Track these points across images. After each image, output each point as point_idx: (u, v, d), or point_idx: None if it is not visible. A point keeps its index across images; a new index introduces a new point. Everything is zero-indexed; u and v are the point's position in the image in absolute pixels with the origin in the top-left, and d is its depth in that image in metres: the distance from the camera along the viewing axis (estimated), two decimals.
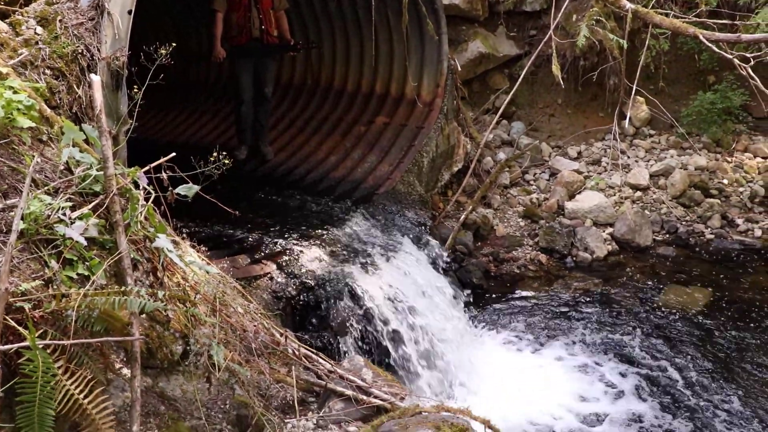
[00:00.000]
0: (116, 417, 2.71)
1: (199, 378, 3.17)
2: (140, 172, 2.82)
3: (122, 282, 2.55)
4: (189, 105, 9.17)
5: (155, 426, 2.97)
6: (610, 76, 9.08)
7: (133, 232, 2.70)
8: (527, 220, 7.80)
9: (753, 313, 6.36)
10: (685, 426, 4.97)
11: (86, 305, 2.34)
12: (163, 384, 3.20)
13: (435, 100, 7.29)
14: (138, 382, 2.59)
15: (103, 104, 2.73)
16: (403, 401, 3.64)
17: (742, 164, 8.96)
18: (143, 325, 2.88)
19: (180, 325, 3.02)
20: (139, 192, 2.72)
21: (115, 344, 2.85)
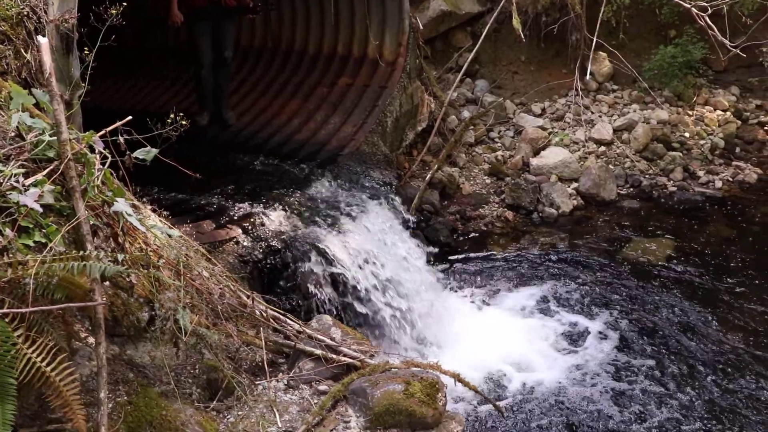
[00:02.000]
0: (83, 385, 2.70)
1: (166, 343, 3.15)
2: (96, 137, 2.76)
3: (82, 249, 2.51)
4: (148, 71, 8.97)
5: (124, 393, 2.96)
6: (572, 32, 9.07)
7: (91, 197, 2.65)
8: (493, 177, 7.83)
9: (715, 261, 6.50)
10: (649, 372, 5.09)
11: (44, 272, 2.29)
12: (131, 351, 3.18)
13: (397, 59, 7.23)
14: (103, 349, 2.57)
15: (53, 68, 2.64)
16: (373, 358, 3.67)
17: (703, 117, 9.06)
18: (107, 292, 2.85)
19: (144, 291, 2.99)
20: (95, 156, 2.65)
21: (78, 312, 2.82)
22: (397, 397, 3.27)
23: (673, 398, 4.83)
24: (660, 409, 4.73)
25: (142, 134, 2.91)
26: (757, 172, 8.17)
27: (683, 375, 5.06)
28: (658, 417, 4.66)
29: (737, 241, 6.87)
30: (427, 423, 3.30)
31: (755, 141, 8.81)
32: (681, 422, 4.61)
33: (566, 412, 4.70)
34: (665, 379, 5.02)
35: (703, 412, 4.70)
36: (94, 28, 3.04)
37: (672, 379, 5.02)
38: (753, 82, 9.69)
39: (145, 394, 3.00)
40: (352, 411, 3.39)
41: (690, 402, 4.79)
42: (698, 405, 4.77)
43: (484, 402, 4.47)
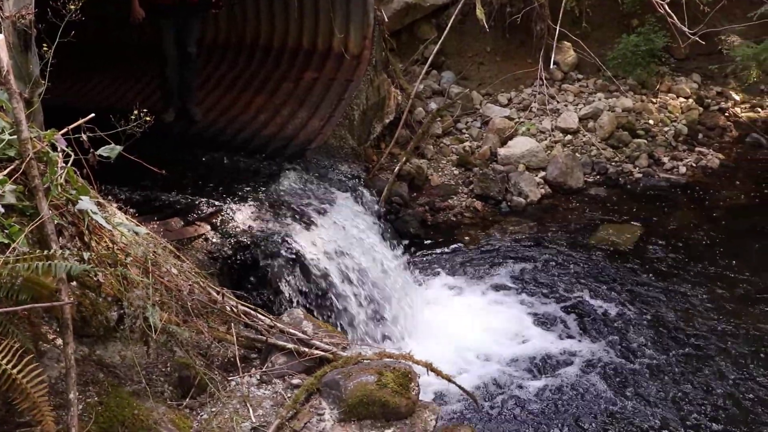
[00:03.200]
0: (52, 388, 2.67)
1: (136, 342, 3.13)
2: (58, 135, 2.72)
3: (46, 248, 2.48)
4: (113, 69, 8.86)
5: (95, 394, 2.93)
6: (536, 22, 9.13)
7: (54, 196, 2.62)
8: (461, 168, 7.86)
9: (681, 245, 6.61)
10: (622, 355, 5.17)
11: (8, 273, 2.26)
12: (101, 352, 3.15)
13: (363, 52, 7.22)
14: (71, 349, 2.54)
15: (11, 66, 2.61)
16: (346, 350, 3.68)
17: (666, 104, 9.20)
18: (74, 293, 2.82)
19: (113, 290, 2.97)
20: (57, 154, 2.62)
21: (45, 314, 2.79)
22: (370, 388, 3.28)
23: (645, 379, 4.92)
24: (635, 389, 4.82)
25: (109, 132, 2.88)
26: (719, 158, 8.31)
27: (654, 356, 5.15)
28: (631, 399, 4.74)
29: (702, 224, 6.99)
30: (400, 413, 3.31)
31: (717, 127, 8.96)
32: (654, 403, 4.70)
33: (540, 399, 4.75)
34: (638, 361, 5.10)
35: (672, 391, 4.79)
36: (56, 25, 3.00)
37: (644, 360, 5.11)
38: (713, 69, 9.84)
39: (116, 394, 2.98)
40: (325, 403, 3.39)
41: (660, 380, 4.88)
42: (668, 383, 4.86)
43: (458, 391, 4.49)
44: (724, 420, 4.53)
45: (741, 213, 7.20)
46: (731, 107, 9.42)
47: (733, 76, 9.69)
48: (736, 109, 9.41)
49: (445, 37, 8.60)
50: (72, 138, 2.80)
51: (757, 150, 8.58)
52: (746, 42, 9.49)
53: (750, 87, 9.72)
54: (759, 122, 9.13)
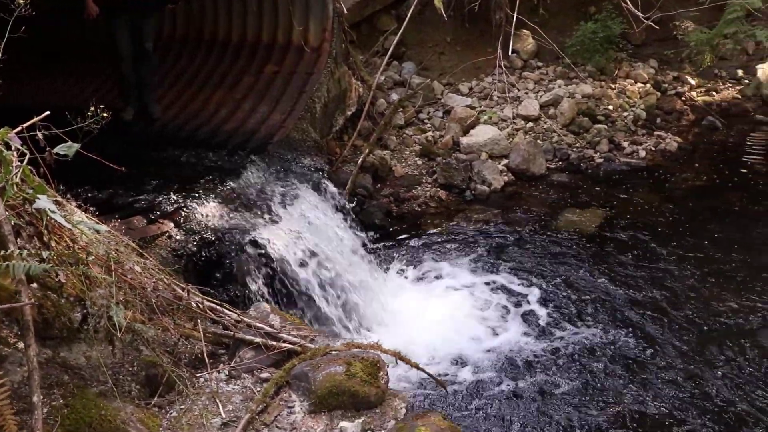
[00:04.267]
0: (15, 392, 2.62)
1: (101, 342, 3.09)
2: (11, 133, 2.67)
3: (4, 249, 2.43)
4: (69, 67, 8.70)
5: (60, 396, 2.89)
6: (495, 11, 9.18)
7: (10, 196, 2.56)
8: (424, 158, 7.88)
9: (643, 227, 6.72)
10: (588, 338, 5.25)
11: None
12: (65, 354, 3.10)
13: (323, 44, 7.19)
14: (33, 352, 2.50)
15: None
16: (313, 342, 3.67)
17: (625, 90, 9.33)
18: (35, 294, 2.77)
19: (75, 290, 2.92)
20: (11, 153, 2.57)
21: (5, 317, 2.74)
22: (339, 379, 3.29)
23: (611, 360, 5.00)
24: (599, 371, 4.89)
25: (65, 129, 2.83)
26: (677, 141, 8.46)
27: (619, 336, 5.24)
28: (597, 382, 4.82)
29: (663, 206, 7.12)
30: (370, 402, 3.32)
31: (674, 111, 9.12)
32: (619, 382, 4.78)
33: (508, 385, 4.80)
34: (604, 343, 5.18)
35: (638, 371, 4.88)
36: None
37: (609, 341, 5.20)
38: (669, 54, 10.02)
39: (82, 396, 2.94)
40: (295, 396, 3.39)
41: (626, 361, 4.97)
42: (633, 364, 4.95)
43: (428, 378, 4.52)
44: (692, 400, 4.63)
45: (700, 194, 7.35)
46: (687, 91, 9.59)
47: (688, 60, 9.87)
48: (692, 93, 9.58)
49: (405, 27, 8.62)
50: (27, 137, 2.75)
51: (713, 132, 8.75)
52: (699, 27, 9.68)
53: (705, 71, 9.92)
54: (714, 105, 9.32)
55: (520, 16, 8.75)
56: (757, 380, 4.76)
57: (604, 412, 4.53)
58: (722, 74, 10.04)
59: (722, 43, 9.43)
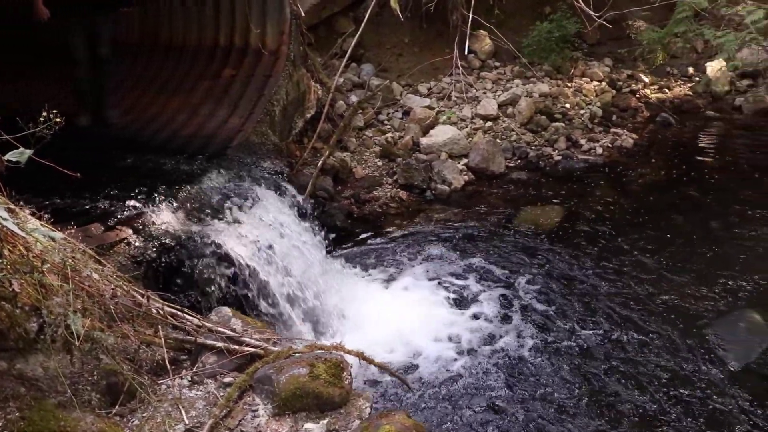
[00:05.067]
0: None
1: (59, 352, 3.04)
2: None
3: None
4: (25, 72, 8.52)
5: (16, 409, 2.84)
6: (452, 12, 9.26)
7: None
8: (385, 159, 7.91)
9: (601, 223, 6.85)
10: (543, 334, 5.32)
11: None
12: (21, 365, 3.04)
13: (281, 47, 7.16)
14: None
15: None
16: (276, 345, 3.66)
17: (581, 88, 9.49)
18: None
19: (30, 299, 2.87)
20: None
21: None
22: (303, 380, 3.28)
23: (570, 356, 5.07)
24: (560, 367, 4.96)
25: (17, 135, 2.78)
26: (633, 137, 8.64)
27: (578, 332, 5.31)
28: (557, 377, 4.89)
29: (620, 202, 7.26)
30: (334, 403, 3.33)
31: (629, 108, 9.31)
32: (576, 377, 4.85)
33: (471, 381, 4.84)
34: (564, 339, 5.26)
35: (597, 364, 4.96)
36: None
37: (569, 337, 5.27)
38: (623, 53, 10.23)
39: (40, 408, 2.89)
40: (259, 399, 3.38)
41: (583, 355, 5.05)
42: (591, 358, 5.03)
43: (392, 378, 4.55)
44: (649, 390, 4.73)
45: (656, 188, 7.51)
46: (641, 89, 9.80)
47: (642, 59, 10.10)
48: (646, 91, 9.79)
49: (362, 29, 8.64)
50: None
51: (667, 129, 8.96)
52: (651, 27, 9.92)
53: (657, 69, 10.16)
54: (667, 102, 9.54)
55: (477, 17, 8.83)
56: (712, 368, 4.88)
57: (565, 406, 4.59)
58: (674, 72, 10.27)
59: (673, 41, 9.69)
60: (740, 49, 9.07)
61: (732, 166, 7.96)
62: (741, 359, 4.94)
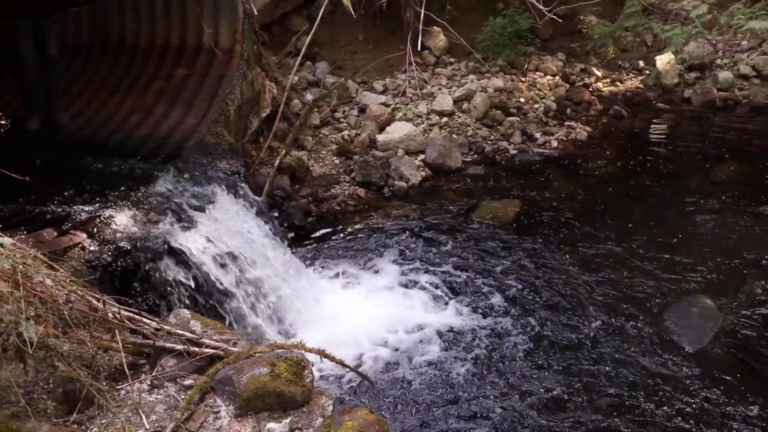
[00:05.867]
0: None
1: (11, 361, 2.98)
2: None
3: None
4: None
5: None
6: (406, 9, 9.28)
7: None
8: (342, 157, 7.90)
9: (557, 214, 6.97)
10: (504, 327, 5.38)
11: None
12: None
13: (234, 46, 7.10)
14: None
15: None
16: (237, 346, 3.64)
17: (535, 83, 9.61)
18: None
19: None
20: None
21: None
22: (264, 380, 3.27)
23: (529, 347, 5.15)
24: (521, 359, 5.03)
25: None
26: (587, 130, 8.78)
27: (537, 323, 5.39)
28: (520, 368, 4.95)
29: (576, 193, 7.39)
30: (296, 401, 3.32)
31: (582, 102, 9.46)
32: (538, 369, 4.92)
33: (433, 375, 4.87)
34: (523, 329, 5.33)
35: (557, 354, 5.04)
36: None
37: (528, 327, 5.34)
38: (575, 47, 10.39)
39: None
40: (220, 400, 3.35)
41: (544, 346, 5.13)
42: (551, 349, 5.11)
43: (354, 374, 4.55)
44: (609, 375, 4.82)
45: (610, 179, 7.66)
46: (594, 82, 9.96)
47: (594, 53, 10.26)
48: (598, 84, 9.95)
49: (316, 27, 8.60)
50: None
51: (620, 121, 9.13)
52: (602, 21, 10.09)
53: (609, 63, 10.34)
54: (619, 95, 9.72)
55: (430, 14, 8.87)
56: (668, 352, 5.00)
57: (523, 395, 4.66)
58: (625, 65, 10.46)
59: (623, 35, 9.87)
60: (687, 43, 9.29)
61: (683, 156, 8.15)
62: (695, 343, 5.08)
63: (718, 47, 10.13)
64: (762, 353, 4.96)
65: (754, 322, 5.28)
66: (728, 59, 10.16)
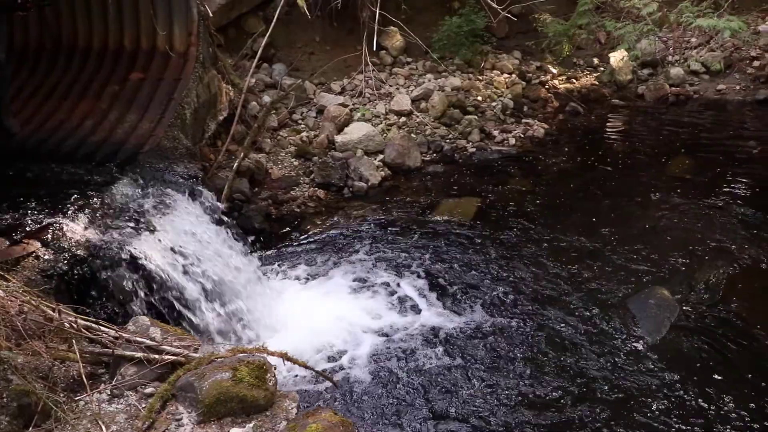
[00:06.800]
0: None
1: None
2: None
3: None
4: None
5: None
6: (362, 10, 9.28)
7: None
8: (301, 159, 7.87)
9: (517, 211, 7.05)
10: (465, 325, 5.41)
11: None
12: None
13: (189, 49, 7.01)
14: None
15: None
16: (198, 352, 3.60)
17: (492, 81, 9.69)
18: None
19: None
20: None
21: None
22: (226, 385, 3.23)
23: (495, 344, 5.18)
24: (483, 357, 5.06)
25: None
26: (544, 127, 8.89)
27: (499, 321, 5.43)
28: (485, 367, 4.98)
29: (535, 190, 7.47)
30: (260, 405, 3.29)
31: (539, 99, 9.57)
32: (497, 366, 4.96)
33: (397, 375, 4.88)
34: (487, 329, 5.36)
35: (519, 351, 5.09)
36: None
37: (491, 326, 5.38)
38: (531, 45, 10.50)
39: None
40: (182, 408, 3.31)
41: (508, 343, 5.17)
42: (512, 345, 5.15)
43: (318, 376, 4.54)
44: (572, 369, 4.89)
45: (568, 175, 7.76)
46: (550, 80, 10.08)
47: (549, 51, 10.39)
48: (554, 82, 10.08)
49: (273, 29, 8.56)
50: None
51: (576, 117, 9.26)
52: (556, 19, 10.22)
53: (564, 60, 10.48)
54: (575, 92, 9.86)
55: (387, 14, 8.90)
56: (628, 344, 5.09)
57: (485, 392, 4.69)
58: (580, 63, 10.62)
59: (577, 33, 10.02)
60: (639, 40, 9.47)
61: (638, 150, 8.30)
62: (654, 333, 5.19)
63: (669, 44, 10.34)
64: (714, 342, 5.09)
65: (709, 312, 5.42)
66: (679, 56, 10.39)
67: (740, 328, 5.21)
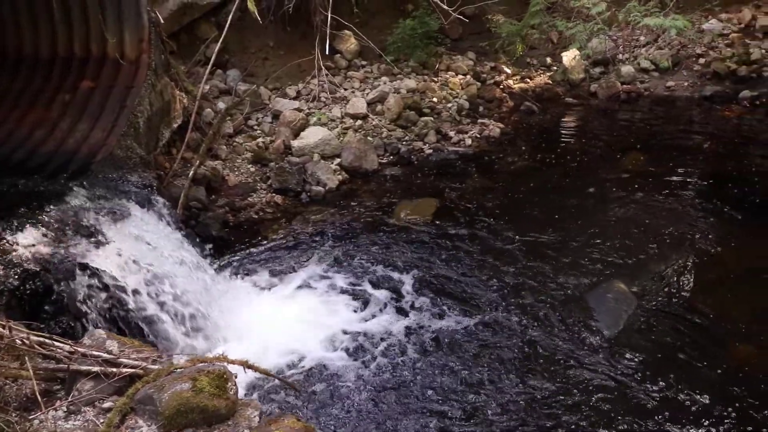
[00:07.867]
0: None
1: None
2: None
3: None
4: None
5: None
6: (315, 14, 9.25)
7: None
8: (257, 164, 7.81)
9: (474, 210, 7.10)
10: (427, 327, 5.44)
11: None
12: None
13: (141, 56, 6.90)
14: None
15: None
16: (156, 363, 3.54)
17: (447, 82, 9.74)
18: None
19: None
20: None
21: None
22: (186, 396, 3.19)
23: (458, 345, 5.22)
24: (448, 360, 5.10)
25: None
26: (500, 127, 8.96)
27: (459, 320, 5.48)
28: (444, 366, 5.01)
29: (492, 189, 7.54)
30: (221, 415, 3.25)
31: (494, 99, 9.64)
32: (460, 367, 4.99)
33: (360, 380, 4.88)
34: (451, 329, 5.40)
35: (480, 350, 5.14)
36: None
37: (456, 327, 5.42)
38: (485, 46, 10.59)
39: None
40: (142, 421, 3.25)
41: (467, 342, 5.21)
42: (475, 344, 5.20)
43: (280, 383, 4.51)
44: (534, 363, 4.94)
45: (524, 174, 7.85)
46: (505, 80, 10.17)
47: (503, 51, 10.49)
48: (509, 82, 10.17)
49: (225, 35, 8.49)
50: None
51: (531, 117, 9.36)
52: (509, 20, 10.33)
53: (518, 60, 10.58)
54: (529, 92, 9.94)
55: (340, 18, 8.89)
56: (588, 337, 5.17)
57: (448, 394, 4.73)
58: (534, 62, 10.73)
59: (530, 33, 10.14)
60: (590, 39, 9.62)
61: (593, 147, 8.42)
62: (612, 327, 5.30)
63: (619, 43, 10.52)
64: (671, 334, 5.21)
65: (664, 305, 5.53)
66: (629, 54, 10.57)
67: (696, 319, 5.33)
